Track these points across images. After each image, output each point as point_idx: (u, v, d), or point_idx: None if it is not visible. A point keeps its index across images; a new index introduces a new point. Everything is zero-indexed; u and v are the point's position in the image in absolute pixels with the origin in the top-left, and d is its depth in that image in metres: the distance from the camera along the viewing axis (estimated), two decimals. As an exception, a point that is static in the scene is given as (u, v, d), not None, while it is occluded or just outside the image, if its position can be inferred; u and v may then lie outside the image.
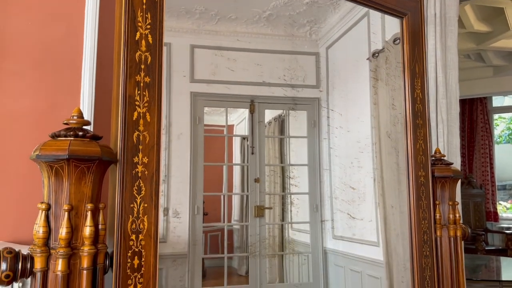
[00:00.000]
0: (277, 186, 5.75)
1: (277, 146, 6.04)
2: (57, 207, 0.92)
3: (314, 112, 4.91)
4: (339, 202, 4.22)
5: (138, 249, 0.99)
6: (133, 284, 0.97)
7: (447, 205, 1.63)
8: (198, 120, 4.79)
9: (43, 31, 1.77)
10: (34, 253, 0.90)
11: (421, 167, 1.59)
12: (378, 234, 3.68)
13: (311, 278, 4.78)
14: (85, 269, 0.91)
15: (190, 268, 4.57)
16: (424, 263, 1.55)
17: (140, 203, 0.99)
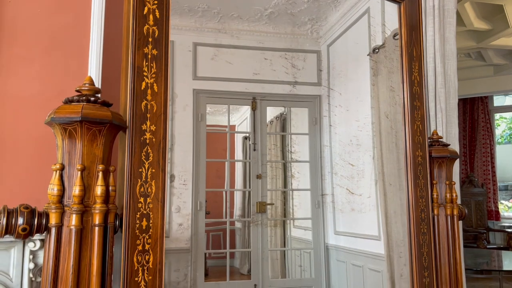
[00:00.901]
0: (279, 182, 5.79)
1: (279, 144, 6.09)
2: (70, 167, 0.97)
3: (315, 110, 4.96)
4: (339, 177, 4.26)
5: (146, 211, 1.04)
6: (142, 244, 1.02)
7: (444, 184, 1.67)
8: (201, 117, 4.84)
9: (51, 18, 1.83)
10: (49, 210, 0.95)
11: (418, 147, 1.64)
12: (379, 227, 3.72)
13: (313, 274, 4.81)
14: (97, 225, 0.96)
15: (193, 263, 4.60)
16: (421, 239, 1.59)
17: (148, 168, 1.04)
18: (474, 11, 5.37)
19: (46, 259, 0.94)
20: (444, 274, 1.64)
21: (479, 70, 7.44)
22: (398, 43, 1.90)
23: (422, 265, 1.60)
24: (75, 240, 0.93)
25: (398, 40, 1.94)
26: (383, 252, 3.55)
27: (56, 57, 1.82)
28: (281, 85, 5.02)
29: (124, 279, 1.00)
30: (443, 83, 2.60)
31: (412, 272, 1.58)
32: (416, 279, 1.58)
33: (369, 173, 3.07)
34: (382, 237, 3.55)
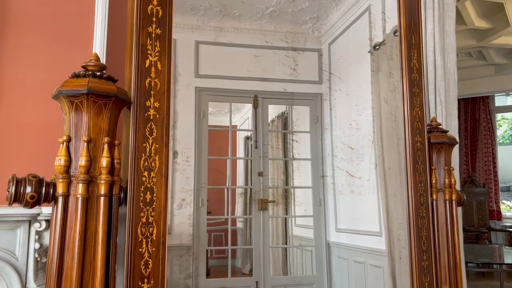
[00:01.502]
0: (280, 180, 5.80)
1: (280, 143, 6.11)
2: (76, 139, 1.00)
3: (316, 108, 4.98)
4: (339, 160, 4.28)
5: (150, 185, 1.07)
6: (145, 216, 1.05)
7: (442, 170, 1.70)
8: (203, 114, 4.87)
9: (57, 6, 1.87)
10: (56, 180, 0.98)
11: (417, 133, 1.66)
12: (380, 223, 3.74)
13: (315, 271, 4.82)
14: (102, 195, 0.99)
15: (195, 259, 4.62)
16: (420, 223, 1.62)
17: (152, 144, 1.07)
18: (474, 10, 5.39)
19: (53, 228, 0.96)
20: (443, 258, 1.66)
21: (480, 69, 7.46)
22: (398, 40, 1.92)
23: (421, 249, 1.62)
24: (81, 208, 0.96)
25: (398, 37, 1.96)
26: (384, 248, 3.57)
27: (61, 45, 1.86)
28: (283, 83, 5.04)
29: (129, 250, 1.03)
30: (443, 76, 2.63)
31: (411, 255, 1.60)
32: (415, 262, 1.60)
33: (369, 157, 3.09)
34: (383, 232, 3.57)
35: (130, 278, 1.01)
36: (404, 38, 1.68)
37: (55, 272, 0.93)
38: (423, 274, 1.61)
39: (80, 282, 0.93)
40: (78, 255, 0.94)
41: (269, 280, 4.81)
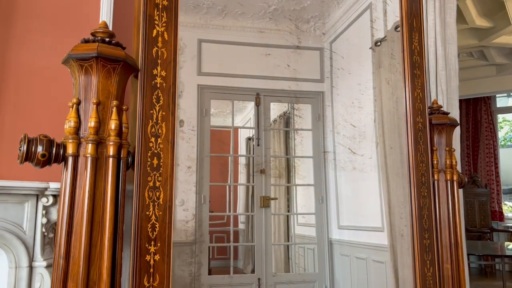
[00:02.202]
0: (282, 177, 5.82)
1: (282, 144, 6.14)
2: (86, 102, 1.02)
3: (318, 106, 5.01)
4: (341, 137, 4.29)
5: (157, 151, 1.09)
6: (153, 181, 1.07)
7: (444, 151, 1.72)
8: (205, 112, 4.90)
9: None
10: (66, 141, 1.01)
11: (419, 113, 1.69)
12: (382, 218, 3.75)
13: (317, 269, 4.82)
14: (111, 156, 1.01)
15: (197, 256, 4.62)
16: (422, 202, 1.63)
17: (158, 111, 1.10)
18: (475, 8, 5.43)
19: (63, 189, 0.99)
20: (444, 236, 1.68)
21: (482, 70, 7.49)
22: (400, 23, 1.94)
23: (422, 227, 1.64)
24: (90, 168, 0.98)
25: (399, 19, 1.97)
26: (386, 243, 3.58)
27: (68, 30, 1.89)
28: (285, 81, 5.06)
29: (136, 213, 1.05)
30: (444, 66, 2.65)
31: (413, 233, 1.62)
32: (417, 240, 1.62)
33: (370, 135, 3.11)
34: (386, 227, 3.58)
35: (138, 240, 1.03)
36: (405, 21, 1.71)
37: (65, 230, 0.95)
38: (424, 252, 1.63)
39: (89, 241, 0.95)
40: (87, 213, 0.96)
41: (271, 277, 4.81)
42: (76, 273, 0.93)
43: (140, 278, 1.02)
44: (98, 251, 0.96)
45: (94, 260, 0.95)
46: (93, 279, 0.95)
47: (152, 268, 1.03)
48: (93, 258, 0.95)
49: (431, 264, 1.63)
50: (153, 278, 1.03)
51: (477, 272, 7.75)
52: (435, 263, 1.64)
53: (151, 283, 1.03)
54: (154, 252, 1.04)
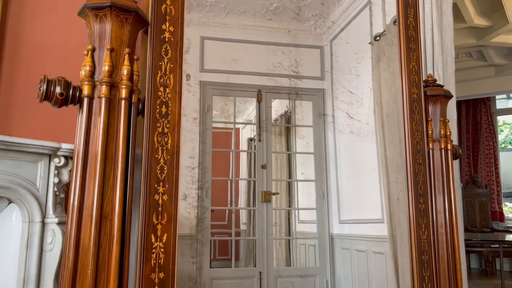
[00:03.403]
0: (283, 173, 5.88)
1: (283, 141, 6.21)
2: (100, 49, 1.10)
3: (319, 103, 5.09)
4: (339, 102, 4.37)
5: (165, 99, 1.17)
6: (161, 127, 1.15)
7: (438, 121, 1.79)
8: (207, 108, 4.98)
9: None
10: (82, 83, 1.09)
11: (414, 85, 1.76)
12: (382, 209, 3.81)
13: (318, 263, 4.86)
14: (123, 99, 1.09)
15: (199, 250, 4.67)
16: (417, 169, 1.70)
17: (167, 63, 1.18)
18: (474, 7, 5.53)
19: (79, 128, 1.06)
20: (439, 202, 1.75)
21: (481, 70, 7.57)
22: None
23: (418, 192, 1.71)
24: (104, 107, 1.06)
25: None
26: (386, 234, 3.63)
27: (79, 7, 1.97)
28: (286, 79, 5.15)
29: (146, 155, 1.12)
30: (440, 52, 2.74)
31: (408, 198, 1.69)
32: (412, 205, 1.69)
33: (368, 102, 3.18)
34: (385, 217, 3.63)
35: (147, 180, 1.10)
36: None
37: (80, 165, 1.02)
38: (419, 216, 1.69)
39: (103, 173, 1.03)
40: (102, 148, 1.03)
41: (272, 271, 4.84)
42: (90, 204, 1.00)
43: (150, 215, 1.09)
44: (111, 184, 1.03)
45: (107, 192, 1.03)
46: (106, 211, 1.02)
47: (161, 207, 1.10)
48: (106, 191, 1.03)
49: (426, 228, 1.70)
50: (162, 216, 1.10)
51: (478, 272, 7.78)
52: (429, 227, 1.71)
53: (159, 220, 1.10)
54: (163, 192, 1.11)
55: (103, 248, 0.99)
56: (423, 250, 1.67)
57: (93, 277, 0.97)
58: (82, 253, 0.98)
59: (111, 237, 1.00)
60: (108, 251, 0.99)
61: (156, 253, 1.08)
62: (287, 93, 5.15)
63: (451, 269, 1.68)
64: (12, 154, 1.43)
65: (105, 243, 1.00)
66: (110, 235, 1.00)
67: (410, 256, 1.65)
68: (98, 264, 0.98)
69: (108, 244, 1.00)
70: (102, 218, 1.01)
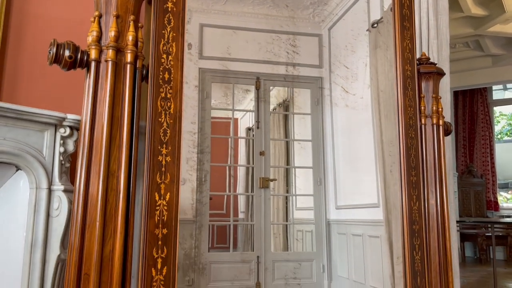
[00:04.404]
0: (281, 161, 5.95)
1: (282, 128, 6.27)
2: (107, 15, 1.16)
3: (317, 91, 5.14)
4: (334, 76, 4.45)
5: (168, 66, 1.23)
6: (164, 92, 1.21)
7: (431, 98, 1.86)
8: (206, 94, 5.03)
9: None
10: (89, 48, 1.15)
11: (407, 62, 1.83)
12: (378, 194, 3.88)
13: (315, 248, 4.94)
14: (128, 63, 1.15)
15: (197, 235, 4.74)
16: (409, 143, 1.77)
17: (169, 32, 1.23)
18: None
19: (87, 91, 1.12)
20: (430, 175, 1.82)
21: (478, 61, 7.62)
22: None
23: (410, 165, 1.78)
24: (111, 70, 1.12)
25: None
26: (381, 218, 3.71)
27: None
28: (284, 66, 5.19)
29: (150, 119, 1.18)
30: (436, 35, 2.80)
31: (401, 171, 1.76)
32: (405, 177, 1.76)
33: (363, 77, 3.25)
34: (381, 201, 3.71)
35: (151, 141, 1.16)
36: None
37: (89, 124, 1.08)
38: (411, 187, 1.76)
39: (110, 133, 1.09)
40: (108, 109, 1.09)
41: (270, 256, 4.92)
42: (98, 161, 1.07)
43: (154, 175, 1.15)
44: (117, 144, 1.10)
45: (114, 151, 1.09)
46: (112, 169, 1.08)
47: (164, 168, 1.17)
48: (113, 150, 1.09)
49: (417, 199, 1.77)
50: (165, 176, 1.17)
51: (473, 260, 7.91)
52: (421, 199, 1.78)
53: (163, 180, 1.16)
54: (166, 154, 1.17)
55: (110, 203, 1.06)
56: (414, 220, 1.74)
57: (101, 229, 1.04)
58: (91, 207, 1.04)
59: (117, 193, 1.06)
60: (115, 206, 1.06)
61: (159, 211, 1.15)
62: (285, 81, 5.20)
63: (441, 238, 1.75)
64: (22, 123, 1.49)
65: (112, 198, 1.06)
66: (117, 191, 1.07)
67: (402, 226, 1.73)
68: (105, 218, 1.04)
69: (115, 199, 1.06)
70: (109, 175, 1.07)
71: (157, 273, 1.12)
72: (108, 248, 1.04)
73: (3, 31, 1.80)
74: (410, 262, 1.71)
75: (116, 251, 1.04)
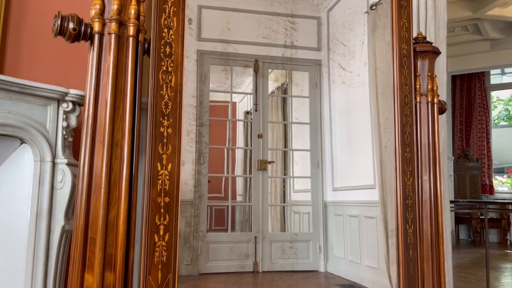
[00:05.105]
0: (279, 142, 5.99)
1: (280, 111, 6.29)
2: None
3: (315, 74, 5.16)
4: (332, 53, 4.50)
5: (169, 40, 1.26)
6: (166, 66, 1.24)
7: (426, 76, 1.89)
8: (204, 77, 5.04)
9: None
10: (93, 21, 1.18)
11: (404, 41, 1.86)
12: (374, 176, 3.94)
13: (311, 229, 5.03)
14: (131, 36, 1.18)
15: (195, 216, 4.79)
16: (404, 120, 1.81)
17: (170, 6, 1.26)
18: (470, -22, 5.55)
19: (91, 63, 1.16)
20: (424, 152, 1.87)
21: (476, 45, 7.63)
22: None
23: (404, 142, 1.83)
24: (114, 43, 1.15)
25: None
26: (377, 199, 3.77)
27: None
28: (283, 49, 5.20)
29: (152, 91, 1.22)
30: (433, 16, 2.82)
31: (395, 147, 1.80)
32: (399, 153, 1.81)
33: (359, 55, 3.29)
34: (377, 182, 3.77)
35: (154, 113, 1.20)
36: (393, -45, 1.86)
37: (93, 94, 1.12)
38: (405, 163, 1.82)
39: (113, 104, 1.12)
40: (112, 81, 1.13)
41: (267, 236, 5.00)
42: (102, 130, 1.11)
43: (156, 145, 1.20)
44: (121, 114, 1.13)
45: (117, 121, 1.13)
46: (116, 138, 1.12)
47: (166, 139, 1.21)
48: (116, 120, 1.13)
49: (411, 175, 1.82)
50: (166, 147, 1.21)
51: (467, 243, 8.04)
52: (414, 175, 1.83)
53: (164, 151, 1.20)
54: (167, 126, 1.21)
55: (115, 171, 1.10)
56: (407, 195, 1.80)
57: (106, 196, 1.08)
58: (96, 174, 1.08)
59: (121, 161, 1.11)
60: (119, 174, 1.10)
61: (162, 180, 1.19)
62: (283, 64, 5.21)
63: (433, 213, 1.81)
64: (26, 97, 1.53)
65: (116, 166, 1.10)
66: (121, 160, 1.11)
67: (396, 200, 1.78)
68: (110, 185, 1.09)
69: (119, 167, 1.11)
70: (113, 145, 1.11)
71: (159, 239, 1.17)
72: (113, 214, 1.09)
73: (5, 5, 1.82)
74: (403, 235, 1.77)
75: (120, 216, 1.09)
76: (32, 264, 1.50)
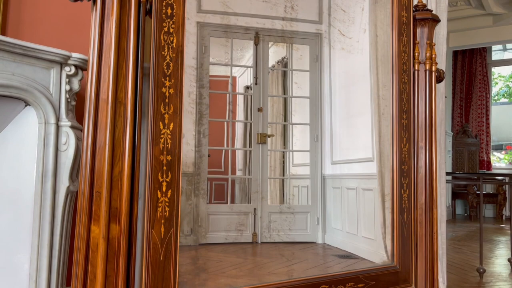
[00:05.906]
0: (279, 116, 6.02)
1: (280, 85, 6.29)
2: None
3: (316, 47, 5.14)
4: (332, 19, 4.53)
5: (171, 2, 1.27)
6: (167, 27, 1.26)
7: (425, 44, 1.91)
8: (204, 49, 5.03)
9: None
10: (95, -20, 1.19)
11: (404, 8, 1.87)
12: (373, 149, 3.98)
13: (310, 201, 5.11)
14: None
15: (195, 187, 4.87)
16: (402, 87, 1.84)
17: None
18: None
19: (93, 23, 1.18)
20: (421, 119, 1.90)
21: (479, 20, 7.55)
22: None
23: (401, 109, 1.86)
24: (116, 3, 1.16)
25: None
26: (375, 172, 3.82)
27: None
28: (283, 21, 5.16)
29: (154, 51, 1.25)
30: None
31: (392, 113, 1.84)
32: (396, 119, 1.84)
33: (359, 21, 3.29)
34: (375, 155, 3.81)
35: (155, 73, 1.23)
36: None
37: (96, 55, 1.15)
38: (402, 130, 1.85)
39: (116, 62, 1.15)
40: (115, 40, 1.15)
41: (266, 208, 5.08)
42: (106, 89, 1.14)
43: (158, 105, 1.23)
44: (124, 73, 1.16)
45: (121, 80, 1.16)
46: (120, 97, 1.15)
47: (168, 99, 1.24)
48: (120, 79, 1.16)
49: (407, 141, 1.86)
50: (168, 107, 1.24)
51: (463, 217, 8.17)
52: (410, 141, 1.87)
53: (166, 110, 1.24)
54: (169, 86, 1.24)
55: (118, 128, 1.14)
56: (403, 161, 1.84)
57: (111, 152, 1.12)
58: (100, 132, 1.12)
59: (125, 119, 1.14)
60: (123, 131, 1.14)
61: (164, 139, 1.23)
62: (284, 36, 5.19)
63: (428, 179, 1.86)
64: (29, 59, 1.55)
65: (120, 123, 1.14)
66: (124, 117, 1.14)
67: (391, 165, 1.82)
68: (114, 142, 1.13)
69: (122, 125, 1.14)
70: (117, 102, 1.14)
71: (162, 195, 1.21)
72: (117, 170, 1.13)
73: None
74: (397, 199, 1.82)
75: (124, 172, 1.13)
76: (38, 223, 1.55)
